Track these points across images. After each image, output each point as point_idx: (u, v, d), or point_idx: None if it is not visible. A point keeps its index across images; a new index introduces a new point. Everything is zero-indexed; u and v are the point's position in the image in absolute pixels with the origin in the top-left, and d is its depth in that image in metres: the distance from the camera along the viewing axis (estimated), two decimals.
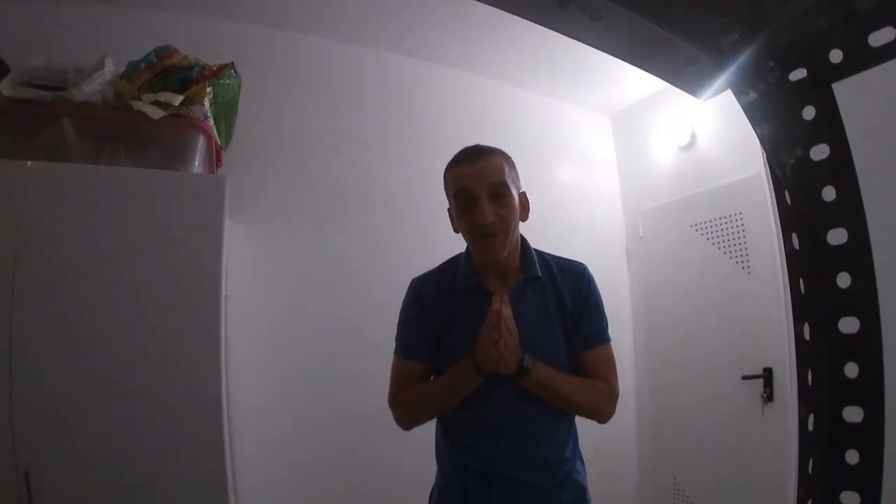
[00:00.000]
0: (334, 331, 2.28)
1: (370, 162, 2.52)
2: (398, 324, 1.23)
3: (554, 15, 0.51)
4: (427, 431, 1.27)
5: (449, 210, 1.20)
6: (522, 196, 1.18)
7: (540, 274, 1.16)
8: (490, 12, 0.84)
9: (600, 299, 1.19)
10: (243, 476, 1.87)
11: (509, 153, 1.19)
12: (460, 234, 1.18)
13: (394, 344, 1.22)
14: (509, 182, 1.12)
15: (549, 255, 1.22)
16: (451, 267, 1.22)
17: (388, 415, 2.26)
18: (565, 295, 1.16)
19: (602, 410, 1.15)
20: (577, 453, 1.18)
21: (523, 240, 1.21)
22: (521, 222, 1.17)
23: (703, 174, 2.72)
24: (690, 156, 2.82)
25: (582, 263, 1.23)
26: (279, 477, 2.10)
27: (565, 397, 1.10)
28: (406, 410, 1.18)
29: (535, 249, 1.21)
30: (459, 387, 1.09)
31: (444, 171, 1.18)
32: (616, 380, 1.18)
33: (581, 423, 1.20)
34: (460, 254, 1.23)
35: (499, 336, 1.00)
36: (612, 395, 1.16)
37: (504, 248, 1.10)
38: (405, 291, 1.24)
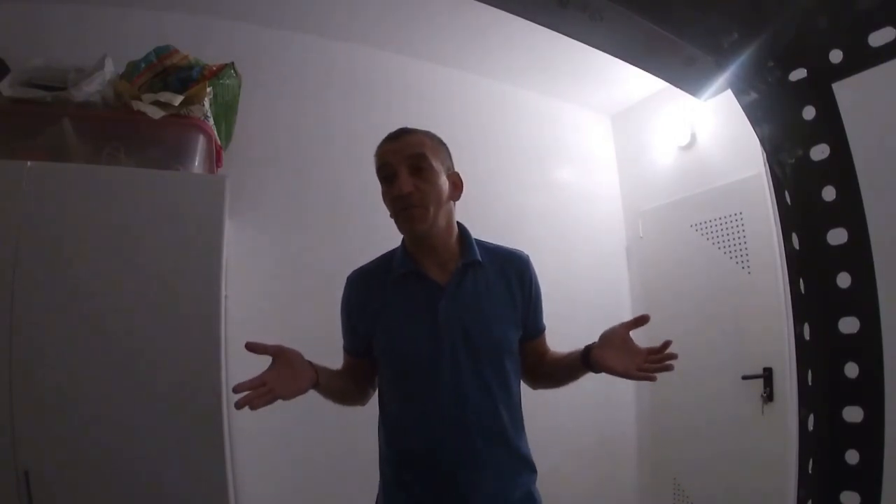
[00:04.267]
0: (335, 330, 2.27)
1: (370, 161, 2.50)
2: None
3: (554, 15, 0.51)
4: None
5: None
6: (454, 175, 1.16)
7: (479, 258, 1.14)
8: (490, 12, 0.84)
9: (540, 290, 1.21)
10: (243, 476, 1.87)
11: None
12: (476, 236, 1.19)
13: None
14: (431, 156, 1.10)
15: (488, 242, 1.21)
16: (389, 254, 1.22)
17: None
18: (511, 279, 1.15)
19: None
20: (530, 455, 1.16)
21: (461, 227, 1.19)
22: (454, 202, 1.16)
23: (703, 174, 2.72)
24: (690, 156, 2.81)
25: (524, 252, 1.22)
26: (279, 476, 2.10)
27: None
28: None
29: (474, 238, 1.19)
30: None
31: None
32: None
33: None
34: (398, 247, 1.22)
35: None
36: None
37: (424, 222, 1.08)
38: None
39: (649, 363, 1.01)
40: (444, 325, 1.07)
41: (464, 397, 1.06)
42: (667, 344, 1.01)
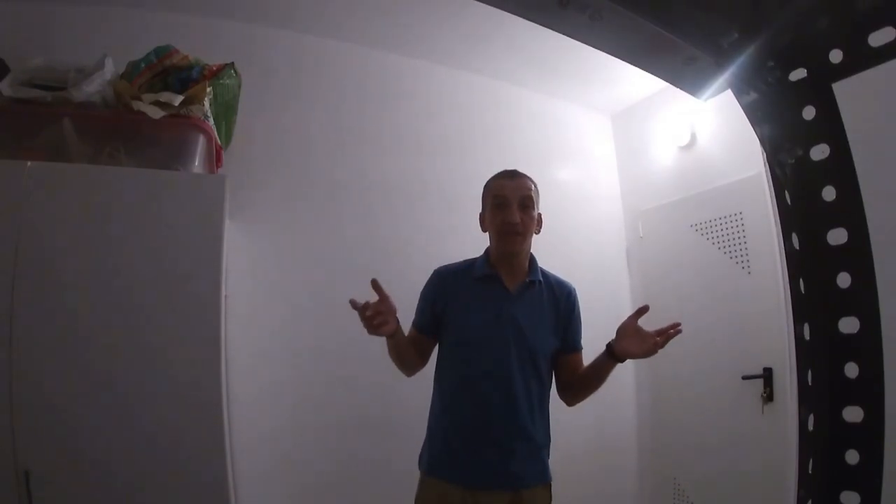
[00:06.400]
0: (334, 330, 2.27)
1: (370, 161, 2.52)
2: (418, 300, 1.51)
3: (554, 15, 0.51)
4: (420, 436, 1.45)
5: (481, 214, 1.50)
6: (539, 215, 1.47)
7: (541, 279, 1.47)
8: (490, 12, 0.84)
9: (580, 315, 1.51)
10: (243, 476, 1.87)
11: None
12: (473, 236, 1.48)
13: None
14: (534, 198, 1.44)
15: (547, 270, 1.52)
16: (470, 261, 1.51)
17: (388, 413, 2.27)
18: (559, 303, 1.47)
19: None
20: (547, 439, 1.45)
21: (531, 254, 1.49)
22: (535, 235, 1.45)
23: (703, 174, 2.72)
24: (690, 156, 2.81)
25: (572, 285, 1.53)
26: (280, 476, 2.10)
27: (599, 384, 1.42)
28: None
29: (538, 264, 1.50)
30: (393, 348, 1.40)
31: (485, 183, 1.49)
32: None
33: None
34: (479, 256, 1.51)
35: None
36: None
37: (520, 245, 1.41)
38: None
39: (659, 341, 1.30)
40: (505, 319, 1.39)
41: (508, 376, 1.36)
42: (675, 325, 1.31)
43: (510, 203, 1.40)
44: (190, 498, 1.46)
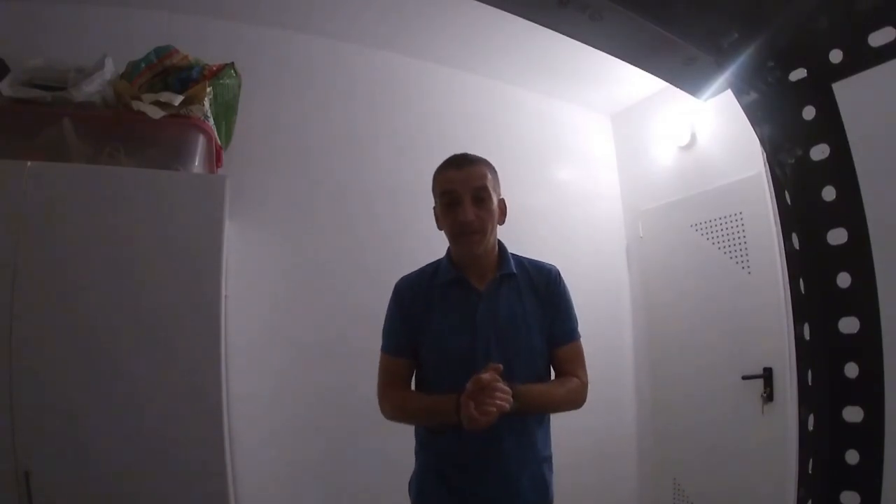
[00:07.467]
0: (335, 330, 2.27)
1: (370, 162, 2.52)
2: (384, 323, 1.33)
3: (554, 15, 0.51)
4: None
5: (434, 209, 1.31)
6: (501, 202, 1.29)
7: (514, 271, 1.28)
8: (489, 12, 0.84)
9: (570, 300, 1.31)
10: (243, 475, 1.87)
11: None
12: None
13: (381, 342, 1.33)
14: (490, 188, 1.23)
15: (523, 257, 1.34)
16: (433, 265, 1.34)
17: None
18: (540, 290, 1.28)
19: (577, 404, 1.26)
20: (548, 450, 1.29)
21: (500, 243, 1.32)
22: (498, 226, 1.29)
23: (703, 174, 2.72)
24: (690, 156, 2.81)
25: (554, 265, 1.34)
26: (279, 476, 2.10)
27: (544, 408, 1.24)
28: (391, 411, 1.26)
29: (510, 252, 1.32)
30: (439, 417, 1.17)
31: (433, 174, 1.30)
32: (585, 373, 1.29)
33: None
34: (442, 258, 1.34)
35: (483, 401, 1.03)
36: (583, 389, 1.27)
37: (481, 245, 1.23)
38: None
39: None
40: (481, 324, 1.21)
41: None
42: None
43: (461, 199, 1.20)
44: (190, 498, 1.45)
